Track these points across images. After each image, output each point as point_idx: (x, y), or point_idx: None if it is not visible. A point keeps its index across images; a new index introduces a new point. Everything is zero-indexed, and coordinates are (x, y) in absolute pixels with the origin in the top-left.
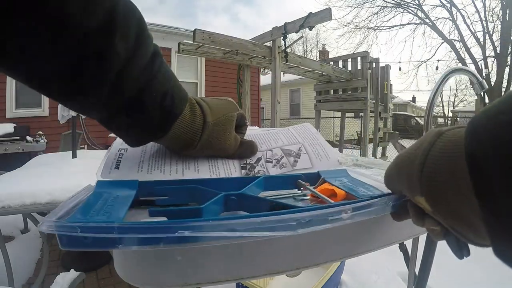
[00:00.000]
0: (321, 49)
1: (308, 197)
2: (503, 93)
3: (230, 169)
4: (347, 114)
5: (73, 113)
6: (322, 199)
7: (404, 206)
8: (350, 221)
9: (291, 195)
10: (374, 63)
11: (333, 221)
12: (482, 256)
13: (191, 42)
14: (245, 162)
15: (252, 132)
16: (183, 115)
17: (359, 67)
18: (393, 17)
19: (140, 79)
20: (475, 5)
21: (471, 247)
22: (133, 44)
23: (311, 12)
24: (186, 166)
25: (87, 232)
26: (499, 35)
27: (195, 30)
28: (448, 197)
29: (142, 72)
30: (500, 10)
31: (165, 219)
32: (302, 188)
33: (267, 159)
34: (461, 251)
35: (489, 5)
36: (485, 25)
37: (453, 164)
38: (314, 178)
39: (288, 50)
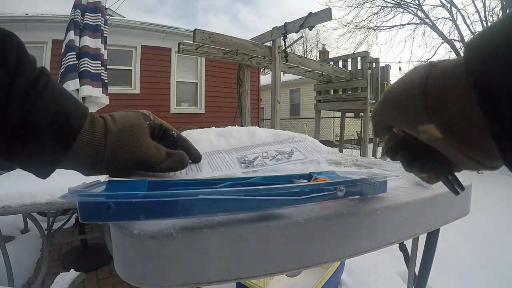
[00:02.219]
0: (321, 49)
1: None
2: None
3: (230, 165)
4: (347, 114)
5: None
6: None
7: (396, 145)
8: (343, 198)
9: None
10: (374, 63)
11: (330, 190)
12: (482, 256)
13: (191, 42)
14: (244, 159)
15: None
16: (83, 131)
17: (359, 67)
18: (393, 17)
19: (25, 104)
20: (475, 5)
21: (470, 249)
22: (14, 70)
23: (311, 12)
24: (189, 167)
25: (112, 198)
26: None
27: (195, 30)
28: (458, 120)
29: (26, 96)
30: (500, 10)
31: None
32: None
33: (264, 157)
34: (454, 188)
35: (489, 5)
36: (485, 25)
37: (457, 88)
38: (307, 178)
39: (288, 50)
